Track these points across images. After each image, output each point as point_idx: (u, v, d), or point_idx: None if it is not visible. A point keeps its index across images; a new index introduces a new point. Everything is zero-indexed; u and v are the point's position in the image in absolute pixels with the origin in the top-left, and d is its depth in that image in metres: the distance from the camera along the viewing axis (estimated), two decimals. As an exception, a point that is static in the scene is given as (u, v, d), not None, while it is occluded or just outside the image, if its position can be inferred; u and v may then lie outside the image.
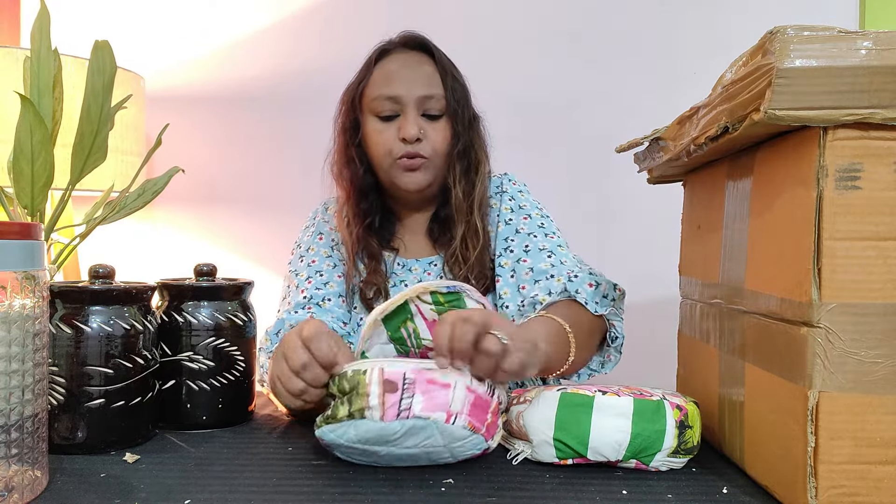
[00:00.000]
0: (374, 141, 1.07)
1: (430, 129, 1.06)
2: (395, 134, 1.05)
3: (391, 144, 1.05)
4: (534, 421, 0.70)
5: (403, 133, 1.03)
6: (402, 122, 1.04)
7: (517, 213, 1.12)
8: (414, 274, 1.11)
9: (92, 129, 0.88)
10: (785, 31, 0.53)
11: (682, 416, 0.69)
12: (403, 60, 1.08)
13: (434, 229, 1.13)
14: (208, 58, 1.74)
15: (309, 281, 1.09)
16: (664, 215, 1.18)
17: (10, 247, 0.58)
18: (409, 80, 1.05)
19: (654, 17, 1.72)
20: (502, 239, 1.09)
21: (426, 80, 1.06)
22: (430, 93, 1.05)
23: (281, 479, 0.66)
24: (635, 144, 0.85)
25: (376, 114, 1.06)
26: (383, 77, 1.06)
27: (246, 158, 1.76)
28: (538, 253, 1.05)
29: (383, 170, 1.07)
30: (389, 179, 1.08)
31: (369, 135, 1.08)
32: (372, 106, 1.06)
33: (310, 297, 1.06)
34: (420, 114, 1.05)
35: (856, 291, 0.55)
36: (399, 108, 1.05)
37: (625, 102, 1.71)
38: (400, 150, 1.04)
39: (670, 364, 0.92)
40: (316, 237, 1.15)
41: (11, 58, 1.30)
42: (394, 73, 1.06)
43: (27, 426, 0.59)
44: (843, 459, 0.55)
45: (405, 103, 1.04)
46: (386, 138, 1.05)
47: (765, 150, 0.65)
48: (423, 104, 1.05)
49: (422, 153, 1.04)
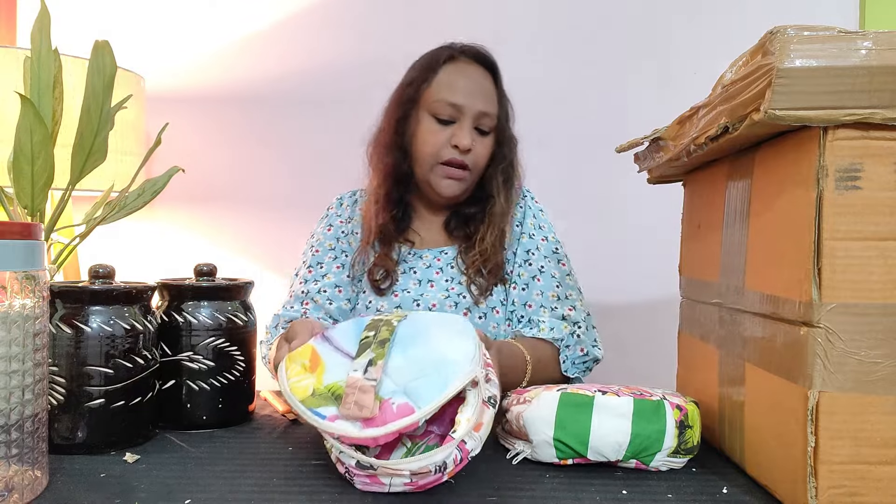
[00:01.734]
0: (425, 139, 1.12)
1: (479, 144, 1.12)
2: (446, 138, 1.11)
3: (441, 147, 1.11)
4: (534, 421, 0.70)
5: (457, 141, 1.09)
6: (458, 131, 1.10)
7: (538, 233, 1.19)
8: (424, 261, 1.16)
9: (92, 129, 0.88)
10: (785, 31, 0.53)
11: (682, 416, 0.69)
12: (471, 73, 1.13)
13: (451, 222, 1.19)
14: (208, 58, 1.74)
15: (310, 271, 1.16)
16: (664, 215, 1.18)
17: (11, 247, 0.58)
18: (473, 94, 1.11)
19: (654, 16, 1.72)
20: (524, 250, 1.16)
21: (487, 97, 1.12)
22: (487, 110, 1.11)
23: (281, 479, 0.66)
24: (635, 144, 0.85)
25: (434, 114, 1.11)
26: (450, 84, 1.11)
27: (246, 158, 1.76)
28: (550, 279, 1.14)
29: (424, 168, 1.13)
30: (427, 178, 1.13)
31: (421, 132, 1.12)
32: (432, 106, 1.11)
33: (307, 291, 1.14)
34: (473, 127, 1.11)
35: (856, 291, 0.55)
36: (457, 115, 1.10)
37: (625, 102, 1.71)
38: (447, 154, 1.10)
39: (670, 364, 0.92)
40: (325, 229, 1.22)
41: (11, 58, 1.30)
42: (460, 81, 1.12)
43: (27, 426, 0.59)
44: (843, 459, 0.55)
45: (464, 113, 1.10)
46: (438, 139, 1.11)
47: (765, 150, 0.65)
48: (479, 119, 1.11)
49: (467, 164, 1.11)
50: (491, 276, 1.12)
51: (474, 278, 1.12)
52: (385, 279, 1.12)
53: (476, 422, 0.61)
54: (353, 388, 0.61)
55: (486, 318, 1.11)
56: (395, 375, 0.62)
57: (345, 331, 0.70)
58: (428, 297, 1.11)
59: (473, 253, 1.13)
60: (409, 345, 0.66)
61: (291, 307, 1.13)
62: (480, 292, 1.11)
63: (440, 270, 1.14)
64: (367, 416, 0.59)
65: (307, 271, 1.16)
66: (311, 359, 0.67)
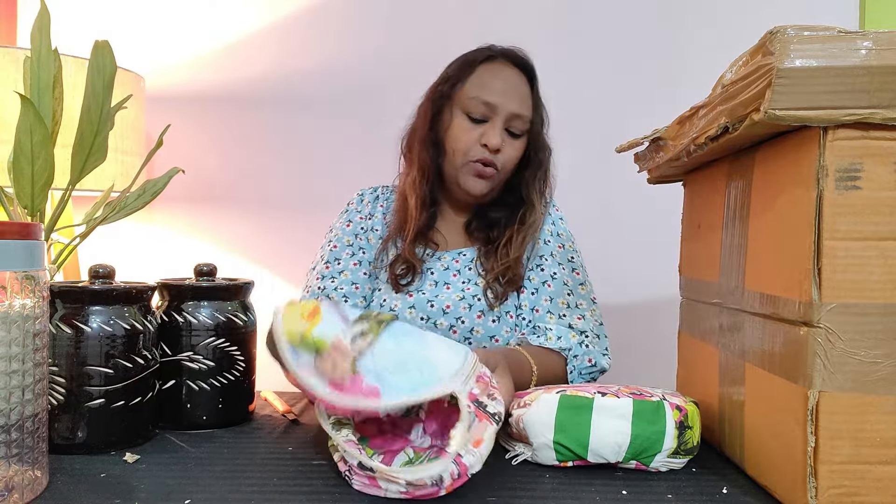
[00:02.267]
0: (456, 136, 1.12)
1: (509, 145, 1.12)
2: (477, 136, 1.11)
3: (472, 145, 1.11)
4: (534, 424, 0.70)
5: (487, 139, 1.10)
6: (489, 130, 1.10)
7: (554, 239, 1.19)
8: (442, 262, 1.16)
9: (92, 129, 0.88)
10: (785, 31, 0.53)
11: (682, 416, 0.69)
12: (507, 73, 1.13)
13: (473, 223, 1.19)
14: (208, 58, 1.74)
15: (327, 266, 1.16)
16: (664, 215, 1.18)
17: (11, 247, 0.58)
18: (507, 94, 1.11)
19: (654, 16, 1.72)
20: (538, 255, 1.17)
21: (521, 99, 1.12)
22: (520, 112, 1.11)
23: (281, 479, 0.66)
24: (635, 144, 0.85)
25: (467, 112, 1.12)
26: (485, 84, 1.12)
27: (246, 158, 1.76)
28: (561, 287, 1.13)
29: (454, 165, 1.13)
30: (455, 176, 1.14)
31: (453, 128, 1.13)
32: (466, 104, 1.12)
33: (323, 287, 1.13)
34: (505, 128, 1.11)
35: (856, 291, 0.55)
36: (490, 114, 1.11)
37: (625, 102, 1.71)
38: (477, 153, 1.11)
39: (670, 364, 0.92)
40: (345, 224, 1.21)
41: (11, 58, 1.30)
42: (495, 81, 1.12)
43: (27, 426, 0.59)
44: (843, 459, 0.55)
45: (497, 113, 1.10)
46: (469, 137, 1.11)
47: (765, 150, 0.65)
48: (511, 121, 1.11)
49: (496, 163, 1.11)
50: (509, 285, 1.11)
51: (492, 284, 1.11)
52: (406, 274, 1.12)
53: (475, 438, 0.60)
54: (336, 348, 0.62)
55: (499, 321, 1.10)
56: (379, 357, 0.63)
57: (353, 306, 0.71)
58: (443, 298, 1.10)
59: (494, 258, 1.13)
60: (404, 335, 0.66)
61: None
62: (496, 297, 1.10)
63: (457, 273, 1.14)
64: (338, 378, 0.60)
65: (324, 266, 1.15)
66: (312, 311, 0.67)
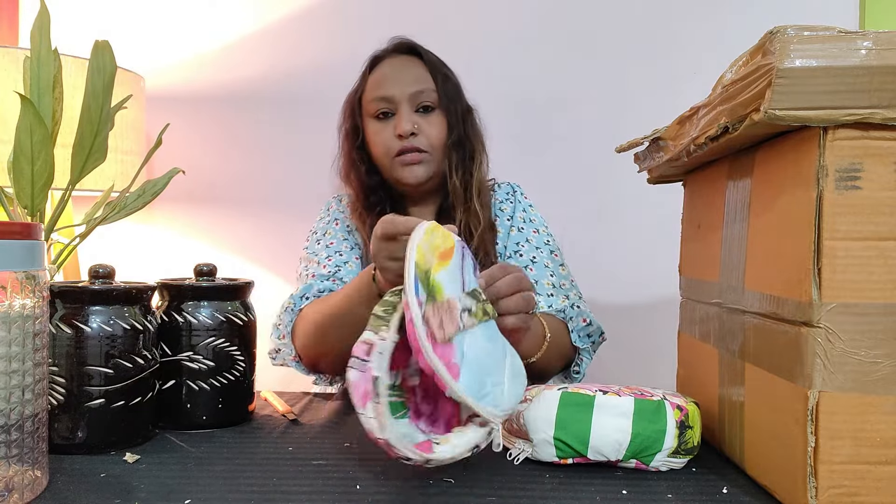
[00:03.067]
0: (374, 141, 1.14)
1: (425, 124, 1.12)
2: (391, 132, 1.12)
3: (389, 142, 1.11)
4: (534, 420, 0.70)
5: (398, 129, 1.10)
6: (397, 120, 1.11)
7: (528, 225, 1.19)
8: None
9: (92, 129, 0.88)
10: (785, 31, 0.53)
11: (683, 416, 0.69)
12: (394, 64, 1.15)
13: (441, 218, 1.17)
14: (208, 58, 1.74)
15: (329, 259, 1.15)
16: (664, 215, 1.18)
17: (11, 247, 0.58)
18: (400, 81, 1.12)
19: (653, 16, 1.72)
20: (514, 242, 1.16)
21: (416, 78, 1.13)
22: (419, 88, 1.12)
23: (281, 479, 0.66)
24: (635, 144, 0.85)
25: (373, 115, 1.14)
26: (377, 81, 1.14)
27: (246, 158, 1.76)
28: (543, 269, 1.13)
29: (386, 168, 1.14)
30: (392, 176, 1.14)
31: (369, 136, 1.15)
32: (369, 109, 1.14)
33: (333, 272, 1.11)
34: (414, 110, 1.12)
35: (856, 291, 0.55)
36: (393, 107, 1.12)
37: (625, 102, 1.71)
38: (397, 146, 1.11)
39: (670, 364, 0.92)
40: (332, 223, 1.22)
41: (11, 58, 1.30)
42: (386, 75, 1.13)
43: (27, 426, 0.59)
44: (843, 459, 0.55)
45: (398, 101, 1.11)
46: (384, 137, 1.12)
47: (765, 150, 0.65)
48: (416, 100, 1.12)
49: (420, 147, 1.11)
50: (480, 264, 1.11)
51: None
52: None
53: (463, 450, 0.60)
54: (449, 308, 0.61)
55: None
56: (470, 345, 0.61)
57: (472, 269, 0.69)
58: None
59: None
60: (494, 341, 0.65)
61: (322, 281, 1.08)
62: None
63: None
64: (438, 337, 0.59)
65: (326, 259, 1.14)
66: (445, 252, 0.64)
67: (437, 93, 1.12)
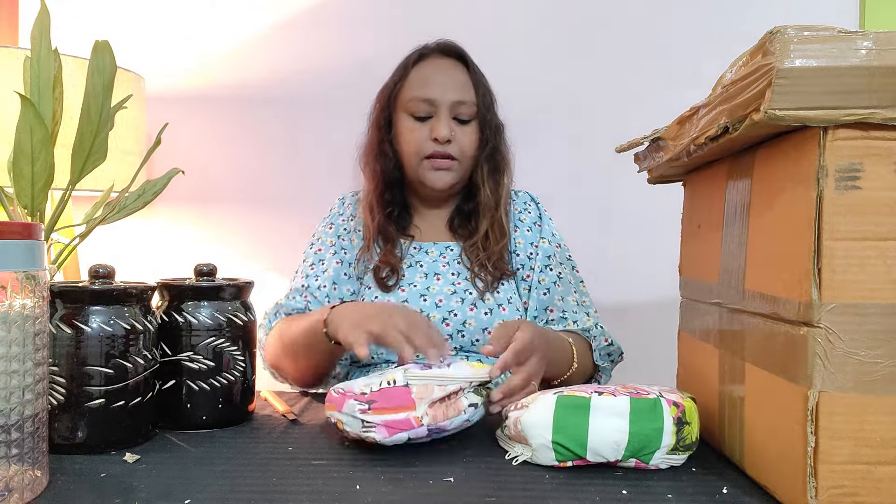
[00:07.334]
0: (407, 139, 1.14)
1: (460, 133, 1.14)
2: (426, 133, 1.13)
3: (422, 143, 1.13)
4: (532, 425, 0.70)
5: (436, 133, 1.11)
6: (435, 124, 1.12)
7: (551, 238, 1.22)
8: (430, 256, 1.17)
9: (92, 129, 0.88)
10: (785, 31, 0.53)
11: (680, 412, 0.69)
12: (440, 66, 1.15)
13: (455, 221, 1.21)
14: (209, 58, 1.74)
15: (311, 267, 1.19)
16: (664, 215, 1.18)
17: (11, 247, 0.58)
18: (444, 85, 1.13)
19: (654, 16, 1.72)
20: (545, 255, 1.19)
21: (460, 86, 1.14)
22: (462, 98, 1.13)
23: (281, 479, 0.66)
24: (635, 144, 0.85)
25: (411, 113, 1.14)
26: (420, 80, 1.14)
27: (246, 158, 1.76)
28: (568, 286, 1.18)
29: (412, 166, 1.15)
30: (417, 176, 1.15)
31: (402, 132, 1.15)
32: (407, 106, 1.14)
33: (307, 285, 1.16)
34: (452, 117, 1.13)
35: (856, 291, 0.55)
36: (433, 109, 1.13)
37: (625, 102, 1.71)
38: (430, 148, 1.12)
39: (670, 364, 0.92)
40: (327, 227, 1.24)
41: (11, 58, 1.30)
42: (430, 76, 1.14)
43: (27, 426, 0.59)
44: (843, 459, 0.55)
45: (439, 106, 1.12)
46: (418, 136, 1.13)
47: (765, 150, 0.65)
48: (456, 108, 1.13)
49: (451, 154, 1.12)
50: (496, 270, 1.14)
51: (479, 273, 1.13)
52: (391, 276, 1.14)
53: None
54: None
55: (491, 313, 1.11)
56: None
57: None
58: (435, 290, 1.12)
59: (477, 248, 1.15)
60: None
61: (293, 298, 1.15)
62: (486, 286, 1.13)
63: (447, 265, 1.16)
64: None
65: (309, 267, 1.19)
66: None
67: (476, 105, 1.14)
